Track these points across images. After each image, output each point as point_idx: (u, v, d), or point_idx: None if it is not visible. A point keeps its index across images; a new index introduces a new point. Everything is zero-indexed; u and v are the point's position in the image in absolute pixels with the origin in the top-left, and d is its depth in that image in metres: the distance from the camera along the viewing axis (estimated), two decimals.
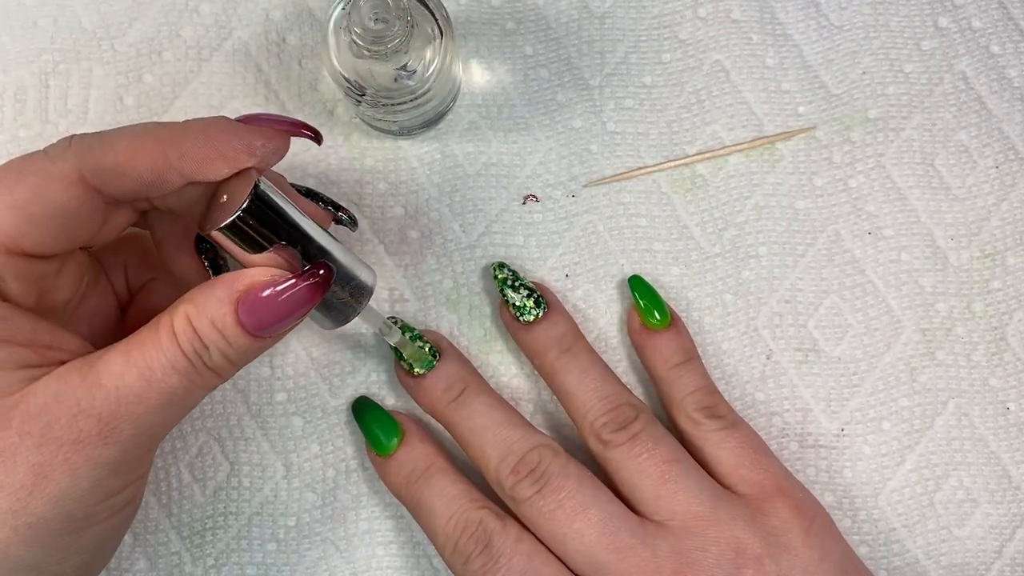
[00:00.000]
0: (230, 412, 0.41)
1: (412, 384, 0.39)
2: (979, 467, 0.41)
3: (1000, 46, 0.43)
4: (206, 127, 0.31)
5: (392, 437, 0.39)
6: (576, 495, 0.35)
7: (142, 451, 0.31)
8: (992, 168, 0.43)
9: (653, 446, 0.36)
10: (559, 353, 0.39)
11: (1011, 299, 0.42)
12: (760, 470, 0.37)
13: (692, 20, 0.42)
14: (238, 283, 0.30)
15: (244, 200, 0.30)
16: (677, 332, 0.40)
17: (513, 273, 0.40)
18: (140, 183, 0.31)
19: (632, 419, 0.37)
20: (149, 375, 0.29)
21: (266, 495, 0.40)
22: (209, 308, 0.30)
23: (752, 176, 0.42)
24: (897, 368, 0.42)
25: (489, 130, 0.42)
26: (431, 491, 0.37)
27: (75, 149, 0.30)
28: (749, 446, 0.38)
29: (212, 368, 0.30)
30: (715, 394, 0.39)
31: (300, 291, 0.30)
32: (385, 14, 0.34)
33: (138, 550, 0.40)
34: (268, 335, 0.31)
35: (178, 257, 0.35)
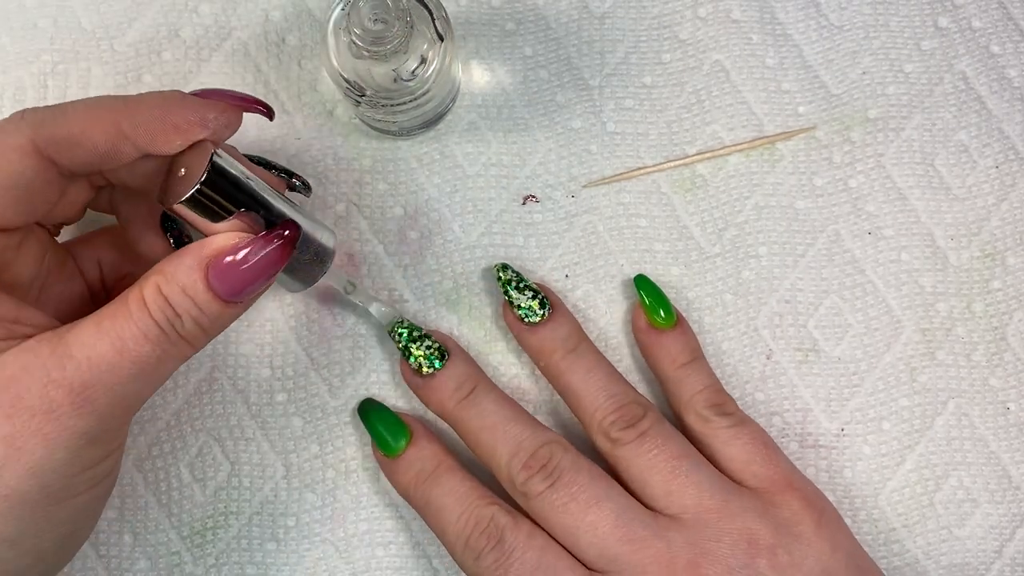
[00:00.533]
0: (230, 412, 0.41)
1: (420, 383, 0.39)
2: (979, 467, 0.41)
3: (1000, 46, 0.43)
4: (160, 99, 0.31)
5: (400, 438, 0.38)
6: (588, 488, 0.36)
7: (118, 421, 0.31)
8: (992, 168, 0.43)
9: (663, 442, 0.37)
10: (565, 353, 0.39)
11: (1011, 299, 0.42)
12: (771, 465, 0.37)
13: (692, 20, 0.42)
14: (206, 249, 0.31)
15: (203, 172, 0.30)
16: (683, 331, 0.40)
17: (517, 274, 0.40)
18: (94, 154, 0.31)
19: (640, 416, 0.37)
20: (120, 345, 0.29)
21: (266, 495, 0.40)
22: (179, 276, 0.30)
23: (752, 176, 0.42)
24: (897, 368, 0.42)
25: (489, 130, 0.42)
26: (440, 489, 0.37)
27: (28, 120, 0.31)
28: (760, 442, 0.38)
29: (185, 337, 0.30)
30: (723, 392, 0.39)
31: (268, 252, 0.31)
32: (384, 15, 0.34)
33: (138, 550, 0.40)
34: (239, 299, 0.31)
35: (143, 236, 0.36)
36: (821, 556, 0.35)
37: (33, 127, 0.30)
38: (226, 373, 0.41)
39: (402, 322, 0.39)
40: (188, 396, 0.41)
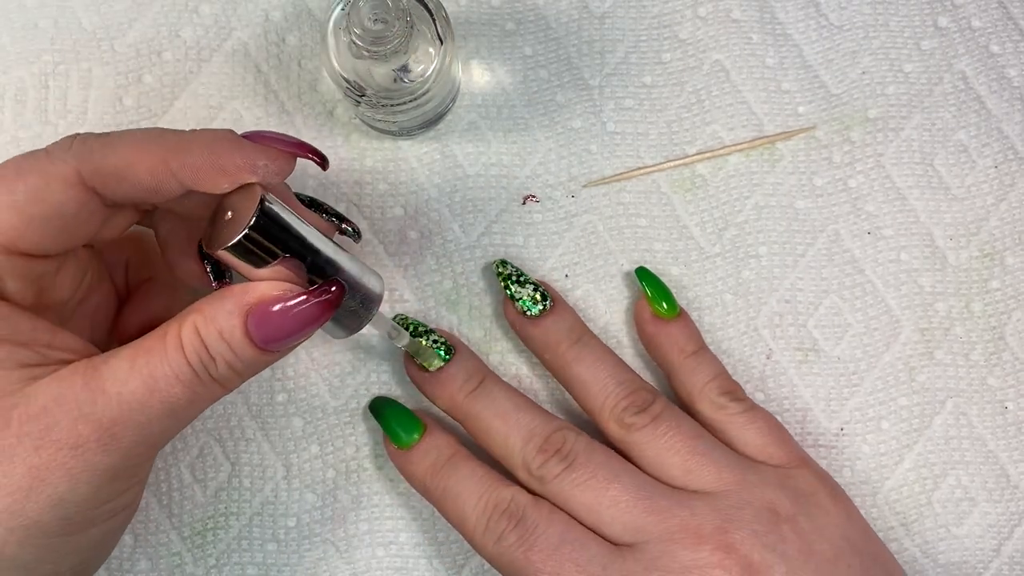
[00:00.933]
0: (231, 413, 0.41)
1: (428, 379, 0.39)
2: (977, 466, 0.42)
3: (1000, 46, 0.43)
4: (211, 140, 0.31)
5: (413, 432, 0.39)
6: (605, 466, 0.36)
7: (142, 458, 0.31)
8: (991, 168, 0.43)
9: (677, 424, 0.37)
10: (570, 344, 0.39)
11: (1009, 299, 0.42)
12: (786, 447, 0.38)
13: (692, 20, 0.42)
14: (248, 296, 0.30)
15: (250, 219, 0.30)
16: (686, 322, 0.40)
17: (516, 269, 0.40)
18: (139, 189, 0.31)
19: (651, 402, 0.38)
20: (152, 384, 0.29)
21: (266, 496, 0.40)
22: (218, 319, 0.30)
23: (752, 176, 0.42)
24: (896, 368, 0.42)
25: (489, 130, 0.42)
26: (457, 475, 0.37)
27: (76, 150, 0.30)
28: (773, 426, 0.38)
29: (217, 380, 0.30)
30: (732, 380, 0.40)
31: (310, 307, 0.30)
32: (384, 15, 0.34)
33: (139, 551, 0.40)
34: (275, 349, 0.31)
35: (181, 260, 0.35)
36: (840, 524, 0.36)
37: (79, 157, 0.30)
38: None
39: (406, 319, 0.39)
40: None
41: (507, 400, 0.38)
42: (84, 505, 0.29)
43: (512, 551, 0.35)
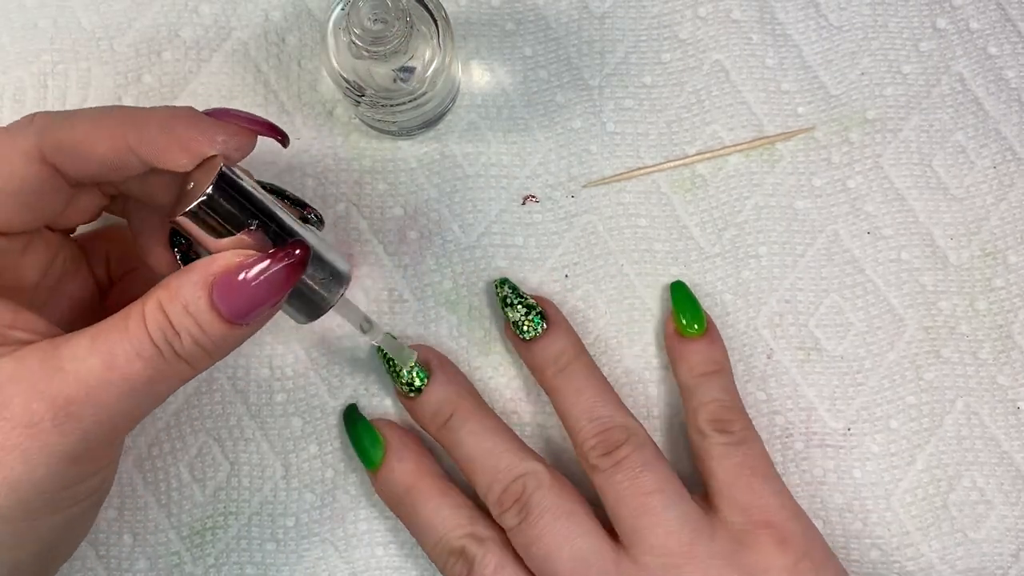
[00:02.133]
0: (230, 412, 0.40)
1: (406, 405, 0.39)
2: (992, 467, 0.41)
3: (998, 47, 0.43)
4: (169, 116, 0.31)
5: (376, 453, 0.38)
6: (551, 529, 0.35)
7: (105, 441, 0.30)
8: (990, 168, 0.43)
9: (636, 475, 0.36)
10: (555, 372, 0.38)
11: (1015, 297, 0.42)
12: (751, 495, 0.36)
13: (692, 20, 0.42)
14: (212, 266, 0.29)
15: (208, 185, 0.30)
16: (709, 342, 0.39)
17: (513, 289, 0.40)
18: (100, 165, 0.30)
19: (621, 442, 0.36)
20: (111, 360, 0.28)
21: (265, 495, 0.40)
22: (183, 292, 0.29)
23: (752, 176, 0.42)
24: (902, 366, 0.42)
25: (489, 131, 0.42)
26: (415, 516, 0.38)
27: (36, 126, 0.30)
28: (747, 467, 0.37)
29: (183, 357, 0.29)
30: (732, 409, 0.38)
31: (276, 272, 0.29)
32: (384, 15, 0.34)
33: (138, 550, 0.40)
34: (244, 322, 0.30)
35: (152, 248, 0.35)
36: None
37: (39, 133, 0.30)
38: (225, 373, 0.41)
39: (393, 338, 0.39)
40: (187, 396, 0.40)
41: (473, 443, 0.37)
42: (43, 488, 0.28)
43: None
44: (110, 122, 0.30)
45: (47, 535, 0.31)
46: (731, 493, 0.36)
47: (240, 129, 0.32)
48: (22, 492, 0.28)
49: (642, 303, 0.42)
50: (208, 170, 0.30)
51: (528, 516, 0.36)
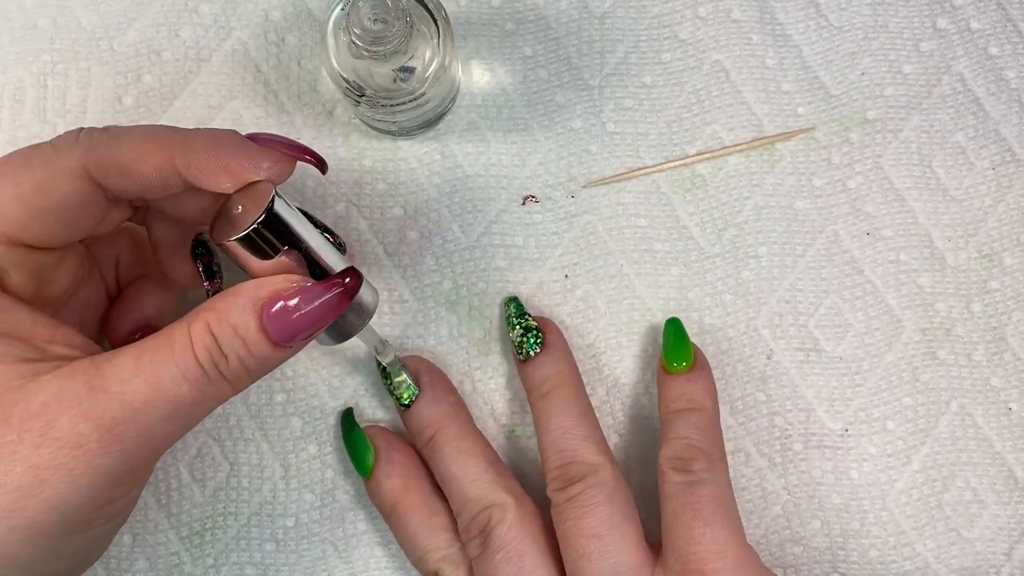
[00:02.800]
0: (229, 413, 0.41)
1: (400, 414, 0.40)
2: (985, 467, 0.41)
3: (998, 47, 0.43)
4: (216, 140, 0.31)
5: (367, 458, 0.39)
6: (502, 569, 0.36)
7: (144, 461, 0.30)
8: (989, 170, 0.43)
9: (581, 515, 0.35)
10: (537, 397, 0.39)
11: (1009, 299, 0.42)
12: (689, 540, 0.34)
13: (692, 20, 0.42)
14: (262, 290, 0.30)
15: (263, 213, 0.30)
16: (689, 380, 0.38)
17: (517, 309, 0.40)
18: (143, 184, 0.31)
19: (578, 479, 0.36)
20: (157, 383, 0.28)
21: (265, 495, 0.40)
22: (232, 315, 0.29)
23: (752, 176, 0.42)
24: (899, 367, 0.42)
25: (489, 130, 0.42)
26: (397, 531, 0.38)
27: (82, 143, 0.30)
28: (690, 509, 0.35)
29: (227, 378, 0.30)
30: (695, 449, 0.36)
31: (328, 299, 0.30)
32: (384, 15, 0.34)
33: (137, 550, 0.40)
34: (290, 345, 0.30)
35: (173, 260, 0.35)
36: None
37: (86, 151, 0.30)
38: None
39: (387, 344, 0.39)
40: None
41: (449, 467, 0.38)
42: (84, 507, 0.29)
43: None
44: (156, 143, 0.31)
45: (79, 551, 0.31)
46: (671, 537, 0.35)
47: (283, 156, 0.32)
48: (64, 510, 0.28)
49: (642, 303, 0.42)
50: (256, 195, 0.31)
51: (486, 550, 0.36)
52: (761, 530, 0.41)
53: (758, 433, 0.41)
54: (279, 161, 0.32)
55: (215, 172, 0.31)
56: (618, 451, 0.41)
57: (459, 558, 0.37)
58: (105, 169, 0.30)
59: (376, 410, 0.41)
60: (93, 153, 0.30)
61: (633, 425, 0.41)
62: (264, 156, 0.31)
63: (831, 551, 0.41)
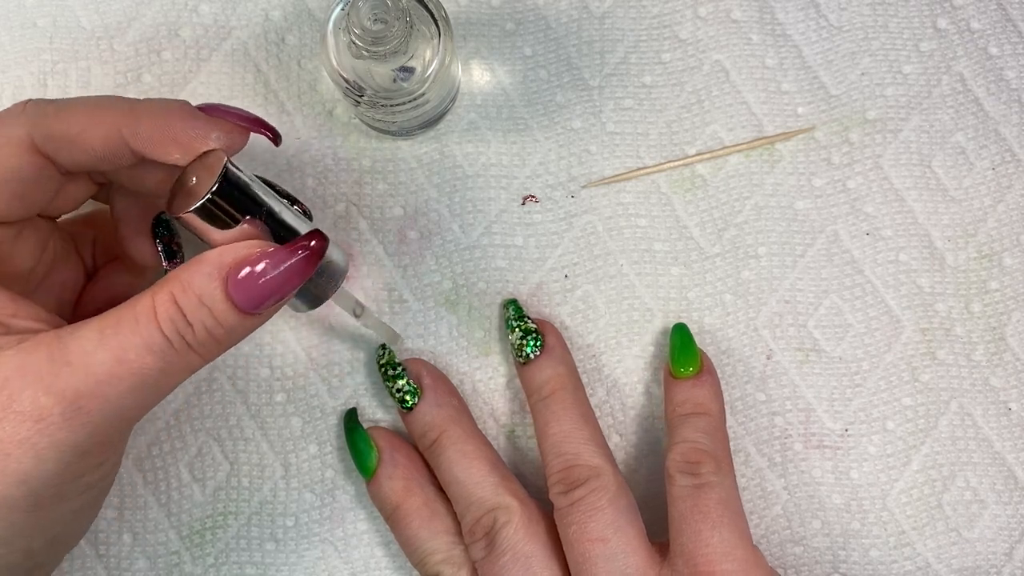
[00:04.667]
0: (229, 412, 0.41)
1: (401, 416, 0.40)
2: (985, 467, 0.41)
3: (998, 47, 0.43)
4: (164, 110, 0.31)
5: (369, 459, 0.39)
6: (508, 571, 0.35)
7: (114, 433, 0.30)
8: (989, 170, 0.43)
9: (586, 519, 0.35)
10: (537, 400, 0.39)
11: (1009, 299, 0.42)
12: (699, 544, 0.34)
13: (692, 20, 0.42)
14: (226, 257, 0.29)
15: (215, 181, 0.30)
16: (696, 384, 0.38)
17: (516, 312, 0.40)
18: (92, 156, 0.30)
19: (580, 483, 0.36)
20: (121, 355, 0.28)
21: (265, 495, 0.40)
22: (196, 284, 0.29)
23: (752, 176, 0.42)
24: (899, 367, 0.42)
25: (488, 131, 0.42)
26: (399, 533, 0.38)
27: (28, 114, 0.30)
28: (699, 512, 0.35)
29: (195, 348, 0.29)
30: (703, 452, 0.36)
31: (294, 263, 0.29)
32: (384, 15, 0.34)
33: (137, 549, 0.40)
34: (258, 311, 0.30)
35: (133, 238, 0.35)
36: None
37: (32, 122, 0.30)
38: (225, 373, 0.41)
39: (383, 355, 0.39)
40: (187, 396, 0.41)
41: (452, 469, 0.37)
42: (52, 482, 0.28)
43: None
44: (104, 114, 0.30)
45: (57, 524, 0.31)
46: (679, 540, 0.35)
47: (233, 127, 0.32)
48: (32, 484, 0.28)
49: (642, 303, 0.42)
50: (209, 165, 0.31)
51: (491, 552, 0.36)
52: (761, 530, 0.41)
53: (758, 433, 0.41)
54: (229, 132, 0.31)
55: (163, 143, 0.30)
56: (618, 451, 0.41)
57: (461, 560, 0.37)
58: (53, 141, 0.30)
59: (376, 410, 0.41)
60: (39, 124, 0.30)
61: (633, 425, 0.41)
62: (213, 126, 0.31)
63: (832, 551, 0.41)
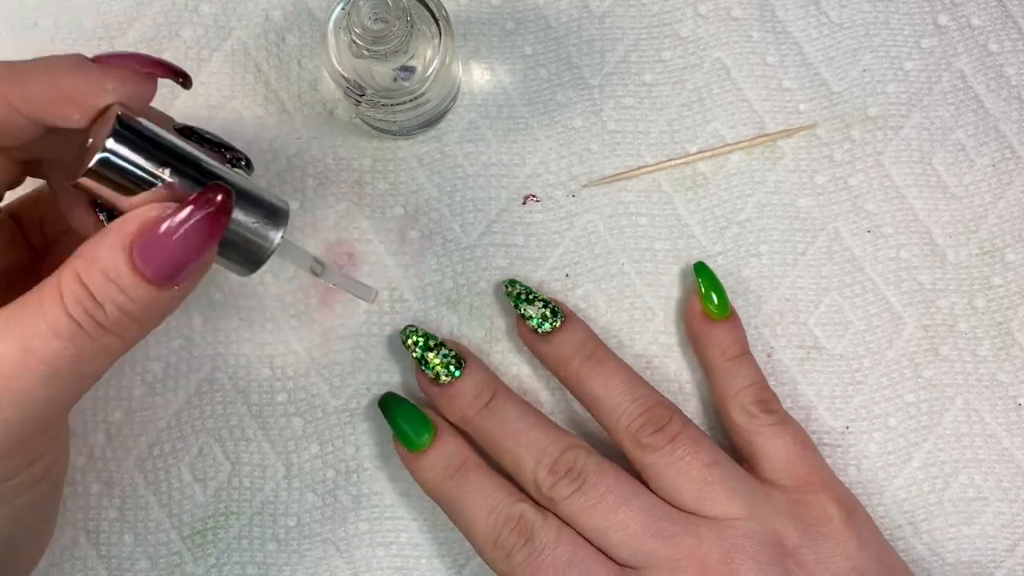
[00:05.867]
0: (231, 413, 0.41)
1: (438, 392, 0.38)
2: (991, 464, 0.41)
3: (998, 44, 0.43)
4: (50, 67, 0.27)
5: (423, 433, 0.38)
6: (615, 489, 0.36)
7: (34, 431, 0.27)
8: (989, 167, 0.43)
9: (694, 448, 0.36)
10: (583, 360, 0.38)
11: (1013, 295, 0.42)
12: (806, 465, 0.38)
13: (692, 18, 0.42)
14: (128, 225, 0.26)
15: (106, 136, 0.26)
16: (734, 325, 0.40)
17: (525, 288, 0.40)
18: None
19: (668, 420, 0.37)
20: (26, 343, 0.25)
21: (267, 495, 0.40)
22: (100, 258, 0.26)
23: (753, 174, 0.42)
24: (901, 364, 0.42)
25: (489, 130, 0.42)
26: (468, 487, 0.37)
27: None
28: (799, 443, 0.38)
29: (109, 328, 0.26)
30: (768, 389, 0.39)
31: (198, 221, 0.26)
32: (385, 14, 0.34)
33: (139, 550, 0.40)
34: (172, 282, 0.26)
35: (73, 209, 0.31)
36: (849, 553, 0.36)
37: None
38: (227, 373, 0.41)
39: (416, 330, 0.39)
40: (189, 396, 0.41)
41: (518, 417, 0.37)
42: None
43: (521, 568, 0.35)
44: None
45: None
46: (789, 468, 0.37)
47: (131, 75, 0.28)
48: None
49: (643, 302, 0.42)
50: (105, 120, 0.27)
51: (587, 480, 0.36)
52: None
53: None
54: (126, 81, 0.28)
55: (56, 103, 0.27)
56: None
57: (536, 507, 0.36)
58: None
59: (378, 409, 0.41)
60: None
61: None
62: (107, 75, 0.27)
63: None
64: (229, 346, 0.41)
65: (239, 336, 0.41)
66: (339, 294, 0.41)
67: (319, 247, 0.41)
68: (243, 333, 0.41)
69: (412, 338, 0.39)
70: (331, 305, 0.41)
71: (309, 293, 0.41)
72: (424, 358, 0.38)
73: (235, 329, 0.41)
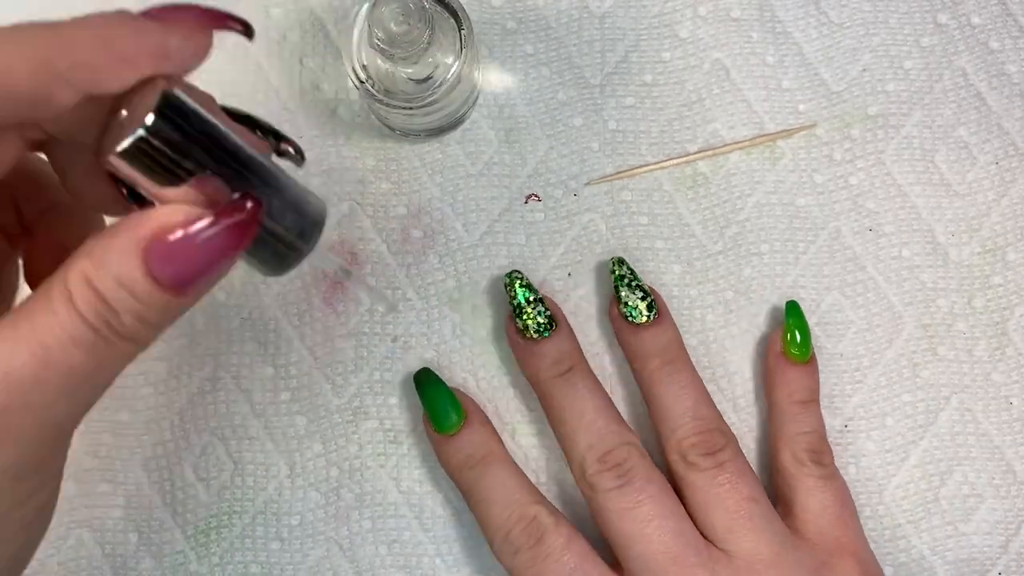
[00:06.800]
0: (234, 412, 0.41)
1: (521, 346, 0.39)
2: (983, 462, 0.42)
3: (999, 42, 0.43)
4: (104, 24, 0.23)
5: (452, 415, 0.38)
6: (655, 502, 0.35)
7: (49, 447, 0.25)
8: (992, 164, 0.43)
9: (737, 479, 0.36)
10: (662, 363, 0.38)
11: (1012, 294, 0.42)
12: (840, 528, 0.37)
13: (692, 19, 0.42)
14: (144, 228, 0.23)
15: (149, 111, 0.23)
16: (811, 371, 0.39)
17: (631, 271, 0.39)
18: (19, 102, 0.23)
19: (721, 447, 0.37)
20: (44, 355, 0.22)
21: (270, 494, 0.41)
22: (111, 263, 0.23)
23: (753, 174, 0.42)
24: (899, 364, 0.42)
25: (490, 129, 0.42)
26: (489, 480, 0.37)
27: None
28: (839, 502, 0.38)
29: (125, 336, 0.24)
30: (825, 441, 0.39)
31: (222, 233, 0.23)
32: (407, 18, 0.34)
33: (143, 549, 0.40)
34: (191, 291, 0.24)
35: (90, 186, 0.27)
36: None
37: None
38: (230, 372, 0.41)
39: (521, 278, 0.39)
40: (192, 395, 0.41)
41: (586, 397, 0.37)
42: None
43: (523, 569, 0.35)
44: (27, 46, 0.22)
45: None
46: (821, 523, 0.37)
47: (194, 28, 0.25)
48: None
49: None
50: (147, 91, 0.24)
51: (631, 483, 0.35)
52: None
53: (760, 430, 0.41)
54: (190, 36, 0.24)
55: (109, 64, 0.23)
56: None
57: (550, 510, 0.36)
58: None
59: (381, 409, 0.41)
60: None
61: (636, 424, 0.41)
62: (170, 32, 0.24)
63: None
64: (231, 345, 0.41)
65: (241, 335, 0.41)
66: (340, 294, 0.41)
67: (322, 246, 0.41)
68: (245, 332, 0.41)
69: (515, 286, 0.39)
70: (333, 304, 0.41)
71: (311, 292, 0.41)
72: (520, 307, 0.38)
73: (237, 328, 0.41)
